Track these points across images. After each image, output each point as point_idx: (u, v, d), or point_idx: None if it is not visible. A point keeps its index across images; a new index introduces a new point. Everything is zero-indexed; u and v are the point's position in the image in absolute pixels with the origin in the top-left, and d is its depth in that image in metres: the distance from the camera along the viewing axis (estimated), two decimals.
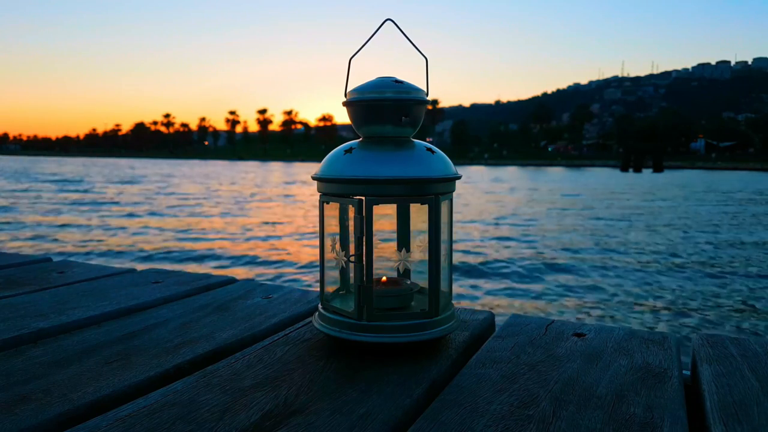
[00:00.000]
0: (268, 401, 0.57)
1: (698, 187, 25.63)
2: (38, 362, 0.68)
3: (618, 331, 0.81)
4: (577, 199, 17.10)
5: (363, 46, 0.74)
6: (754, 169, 57.12)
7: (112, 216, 11.47)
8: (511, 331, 0.80)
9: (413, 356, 0.69)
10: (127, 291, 1.00)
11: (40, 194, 16.39)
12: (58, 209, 12.66)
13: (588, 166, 68.08)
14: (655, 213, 13.32)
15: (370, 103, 0.71)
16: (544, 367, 0.67)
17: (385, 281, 0.77)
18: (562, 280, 6.03)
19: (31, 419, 0.53)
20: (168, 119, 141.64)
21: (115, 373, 0.65)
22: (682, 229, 10.51)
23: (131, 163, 60.67)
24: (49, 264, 1.25)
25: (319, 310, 0.75)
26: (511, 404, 0.57)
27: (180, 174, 34.08)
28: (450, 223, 0.75)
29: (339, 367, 0.67)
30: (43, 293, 0.98)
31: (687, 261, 7.31)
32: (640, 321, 4.63)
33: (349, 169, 0.69)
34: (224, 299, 0.96)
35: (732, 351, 0.73)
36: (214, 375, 0.64)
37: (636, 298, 5.36)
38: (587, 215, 12.58)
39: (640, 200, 17.12)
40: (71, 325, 0.82)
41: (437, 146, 0.74)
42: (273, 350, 0.72)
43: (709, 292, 5.63)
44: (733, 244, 8.72)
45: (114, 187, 20.67)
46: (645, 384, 0.63)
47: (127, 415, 0.54)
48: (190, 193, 18.35)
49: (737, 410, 0.56)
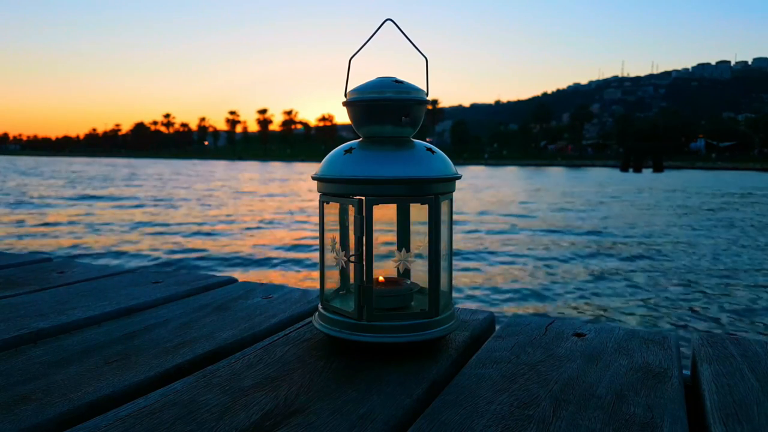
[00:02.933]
0: (268, 401, 0.57)
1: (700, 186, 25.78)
2: (38, 362, 0.68)
3: (618, 331, 0.81)
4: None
5: (363, 46, 0.74)
6: (754, 169, 57.14)
7: (112, 216, 11.47)
8: (511, 331, 0.80)
9: (413, 356, 0.69)
10: (127, 291, 1.00)
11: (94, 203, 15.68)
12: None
13: (588, 166, 68.10)
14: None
15: (370, 103, 0.71)
16: (544, 367, 0.67)
17: (385, 281, 0.77)
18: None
19: (31, 419, 0.53)
20: (168, 119, 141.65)
21: (115, 373, 0.65)
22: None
23: (134, 163, 60.51)
24: (49, 264, 1.25)
25: (319, 310, 0.75)
26: (511, 404, 0.57)
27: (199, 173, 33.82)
28: (450, 223, 0.75)
29: (339, 367, 0.67)
30: (43, 293, 0.98)
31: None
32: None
33: (349, 169, 0.69)
34: (224, 299, 0.96)
35: (732, 351, 0.73)
36: (214, 375, 0.64)
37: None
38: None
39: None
40: (71, 325, 0.82)
41: (437, 146, 0.74)
42: (273, 350, 0.72)
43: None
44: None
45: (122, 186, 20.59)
46: (645, 384, 0.63)
47: (127, 415, 0.54)
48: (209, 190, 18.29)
49: (737, 410, 0.56)
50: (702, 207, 14.93)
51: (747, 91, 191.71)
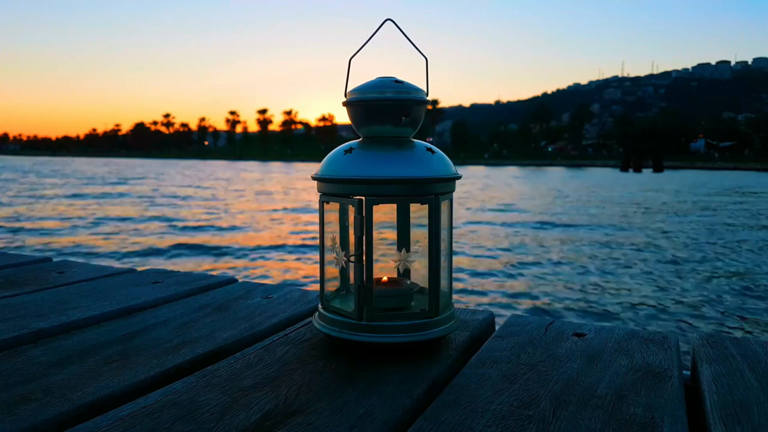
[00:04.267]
0: (268, 401, 0.57)
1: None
2: (38, 362, 0.68)
3: (618, 331, 0.81)
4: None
5: (363, 46, 0.74)
6: (754, 170, 57.14)
7: (113, 215, 11.47)
8: (511, 331, 0.80)
9: (413, 356, 0.69)
10: (127, 291, 1.00)
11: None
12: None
13: (588, 166, 68.07)
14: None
15: (370, 103, 0.71)
16: (544, 367, 0.67)
17: (385, 281, 0.77)
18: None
19: (31, 419, 0.53)
20: (168, 119, 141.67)
21: (115, 373, 0.65)
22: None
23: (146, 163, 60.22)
24: (49, 264, 1.25)
25: (319, 310, 0.75)
26: (511, 404, 0.57)
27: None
28: (450, 223, 0.75)
29: (339, 367, 0.67)
30: (43, 293, 0.98)
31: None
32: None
33: (349, 169, 0.69)
34: (224, 299, 0.96)
35: (732, 351, 0.73)
36: (214, 375, 0.64)
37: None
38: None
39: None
40: (71, 325, 0.82)
41: (437, 146, 0.74)
42: (273, 350, 0.72)
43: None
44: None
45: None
46: (645, 384, 0.62)
47: (127, 415, 0.54)
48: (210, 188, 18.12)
49: (737, 410, 0.56)
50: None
51: (747, 91, 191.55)
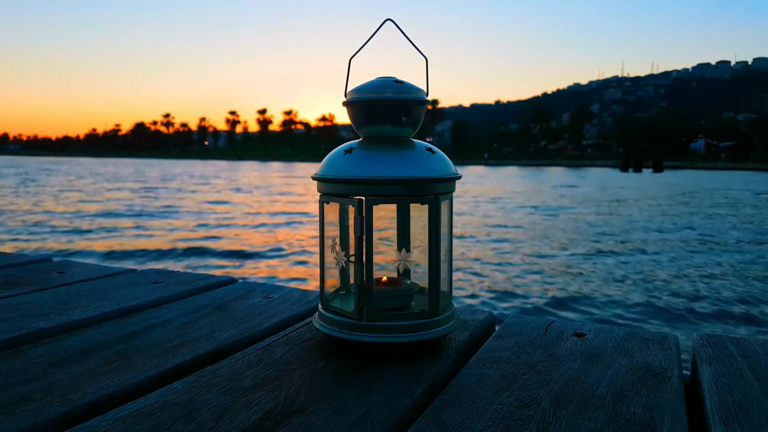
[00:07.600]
0: (268, 401, 0.57)
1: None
2: (38, 362, 0.68)
3: (618, 331, 0.81)
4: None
5: (363, 46, 0.74)
6: (754, 170, 57.13)
7: (115, 216, 11.47)
8: (511, 331, 0.80)
9: (413, 356, 0.69)
10: (127, 291, 1.00)
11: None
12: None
13: (588, 166, 68.07)
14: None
15: (370, 103, 0.71)
16: (544, 367, 0.67)
17: (385, 281, 0.77)
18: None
19: (31, 419, 0.53)
20: (168, 119, 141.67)
21: (115, 373, 0.65)
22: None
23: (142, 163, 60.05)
24: (49, 264, 1.25)
25: (319, 310, 0.75)
26: (511, 404, 0.57)
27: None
28: (450, 223, 0.75)
29: (339, 367, 0.67)
30: (43, 293, 0.98)
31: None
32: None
33: (349, 169, 0.69)
34: (224, 299, 0.96)
35: (732, 351, 0.73)
36: (214, 375, 0.64)
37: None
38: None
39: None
40: (71, 325, 0.82)
41: (437, 146, 0.74)
42: (273, 350, 0.72)
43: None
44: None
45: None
46: (645, 384, 0.62)
47: (127, 415, 0.54)
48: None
49: (737, 410, 0.56)
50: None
51: (747, 91, 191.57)
